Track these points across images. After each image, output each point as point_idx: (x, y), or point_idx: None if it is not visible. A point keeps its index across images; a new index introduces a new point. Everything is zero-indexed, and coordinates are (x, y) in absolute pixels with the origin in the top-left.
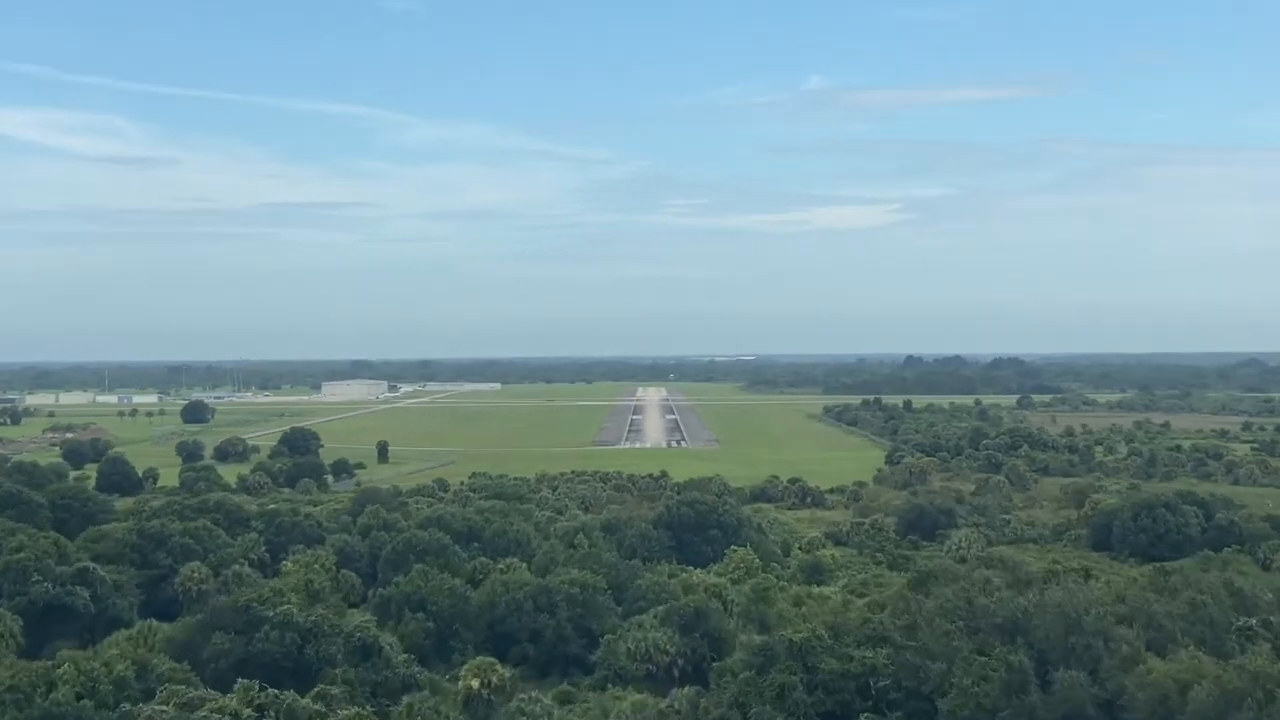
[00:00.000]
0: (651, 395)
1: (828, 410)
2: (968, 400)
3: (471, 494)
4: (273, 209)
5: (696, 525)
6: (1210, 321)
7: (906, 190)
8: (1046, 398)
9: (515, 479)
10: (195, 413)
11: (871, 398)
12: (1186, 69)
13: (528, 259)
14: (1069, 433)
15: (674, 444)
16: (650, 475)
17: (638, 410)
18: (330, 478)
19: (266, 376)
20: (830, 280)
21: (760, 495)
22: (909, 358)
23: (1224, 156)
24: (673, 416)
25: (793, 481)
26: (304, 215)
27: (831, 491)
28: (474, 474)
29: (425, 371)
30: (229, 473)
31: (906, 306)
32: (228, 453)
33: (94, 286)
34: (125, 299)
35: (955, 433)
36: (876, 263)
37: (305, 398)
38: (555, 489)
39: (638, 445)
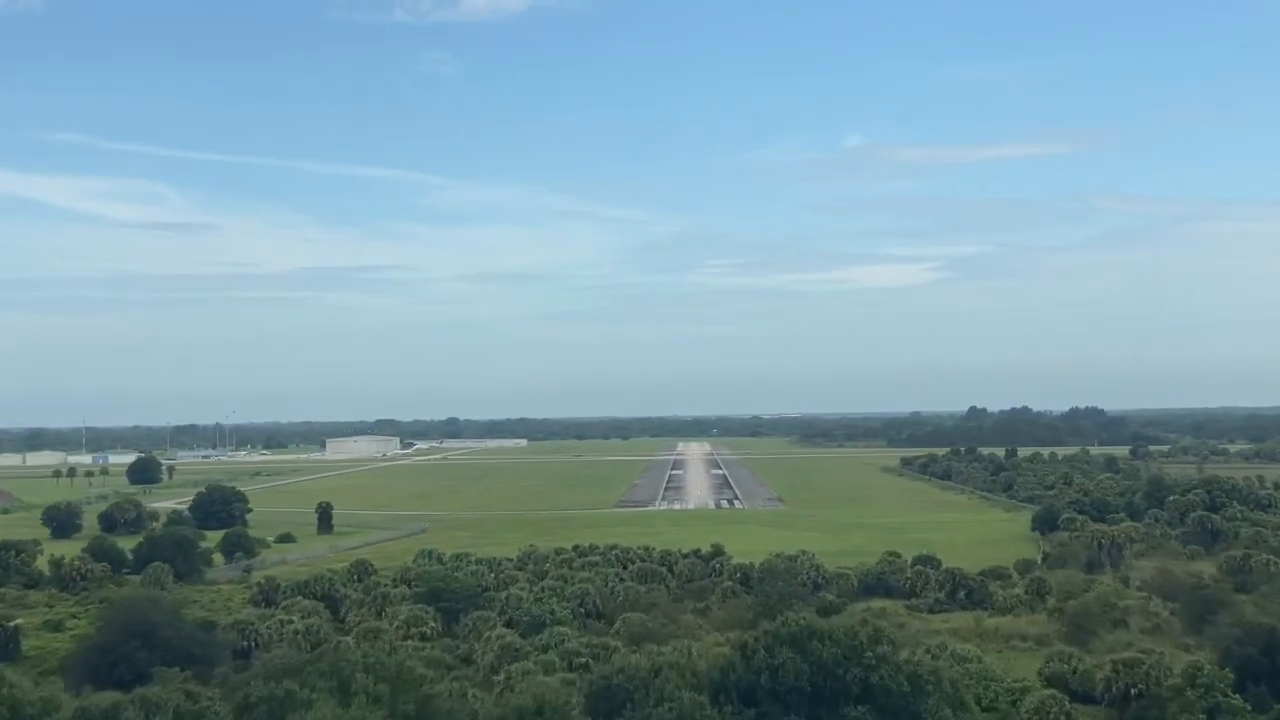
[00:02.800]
0: (694, 450)
1: (906, 462)
2: (1068, 451)
3: (392, 588)
4: (311, 273)
5: (819, 692)
6: (1257, 375)
7: (946, 248)
8: (1164, 447)
9: (479, 564)
10: (144, 472)
11: (959, 448)
12: (1229, 124)
13: (565, 320)
14: (1263, 484)
15: (724, 504)
16: (696, 552)
17: (678, 465)
18: (220, 557)
19: (287, 436)
20: (871, 338)
21: (876, 585)
22: (972, 409)
23: (1268, 211)
24: (720, 471)
25: (925, 562)
26: (342, 279)
27: (987, 577)
28: (421, 553)
29: (451, 429)
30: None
31: (948, 363)
32: (115, 521)
33: (135, 352)
34: (166, 363)
35: (1110, 487)
36: (917, 320)
37: (306, 456)
38: (541, 578)
39: (677, 506)
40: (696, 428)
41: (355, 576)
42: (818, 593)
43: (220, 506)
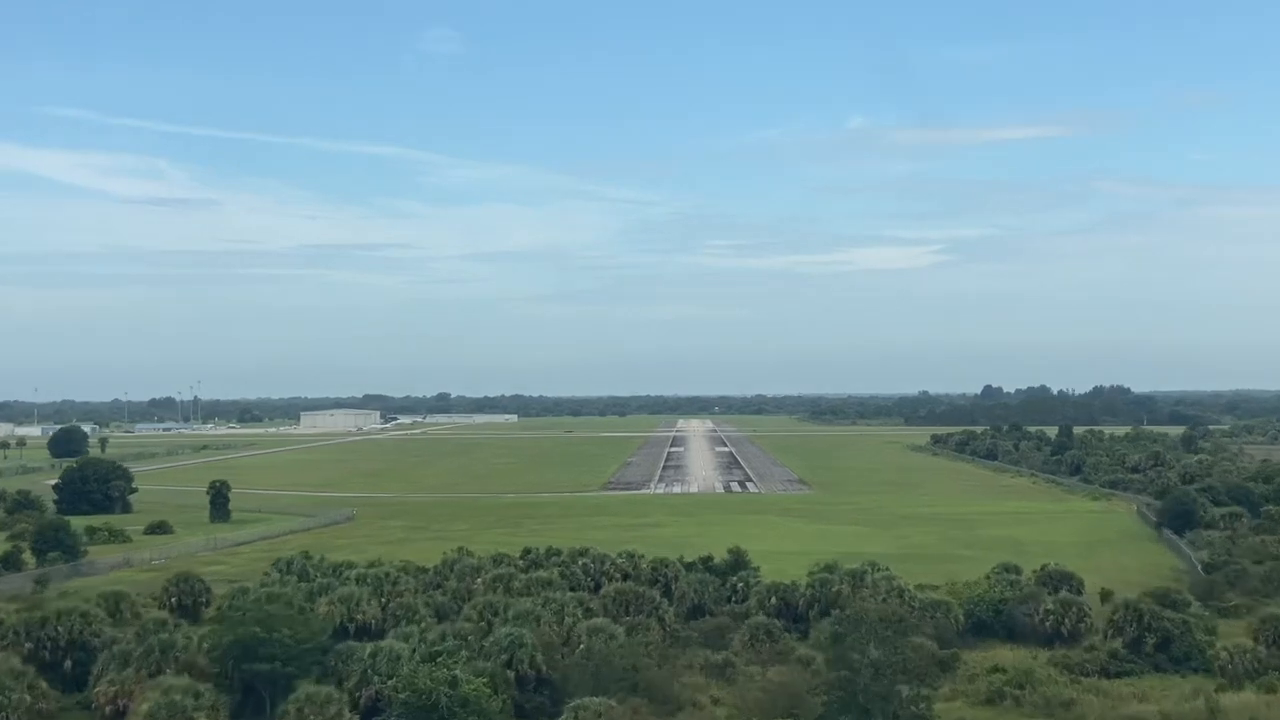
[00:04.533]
0: (695, 426)
1: (939, 440)
2: (1116, 430)
3: (166, 636)
4: (313, 250)
5: None
6: (1256, 359)
7: (948, 231)
8: (1224, 427)
9: (364, 583)
10: (67, 444)
11: (1000, 425)
12: (1231, 107)
13: (566, 299)
14: None
15: (735, 487)
16: (706, 562)
17: (678, 442)
18: (32, 558)
19: (274, 410)
20: (874, 320)
21: (993, 620)
22: (987, 388)
23: (1269, 196)
24: (726, 449)
25: (1059, 582)
26: (343, 257)
27: (1159, 604)
28: (277, 564)
29: (441, 405)
30: None
31: (953, 344)
32: None
33: (131, 327)
34: (162, 339)
35: (1229, 470)
36: (921, 302)
37: (276, 430)
38: (457, 610)
39: (677, 490)
40: (697, 405)
41: (114, 610)
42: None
43: (95, 486)
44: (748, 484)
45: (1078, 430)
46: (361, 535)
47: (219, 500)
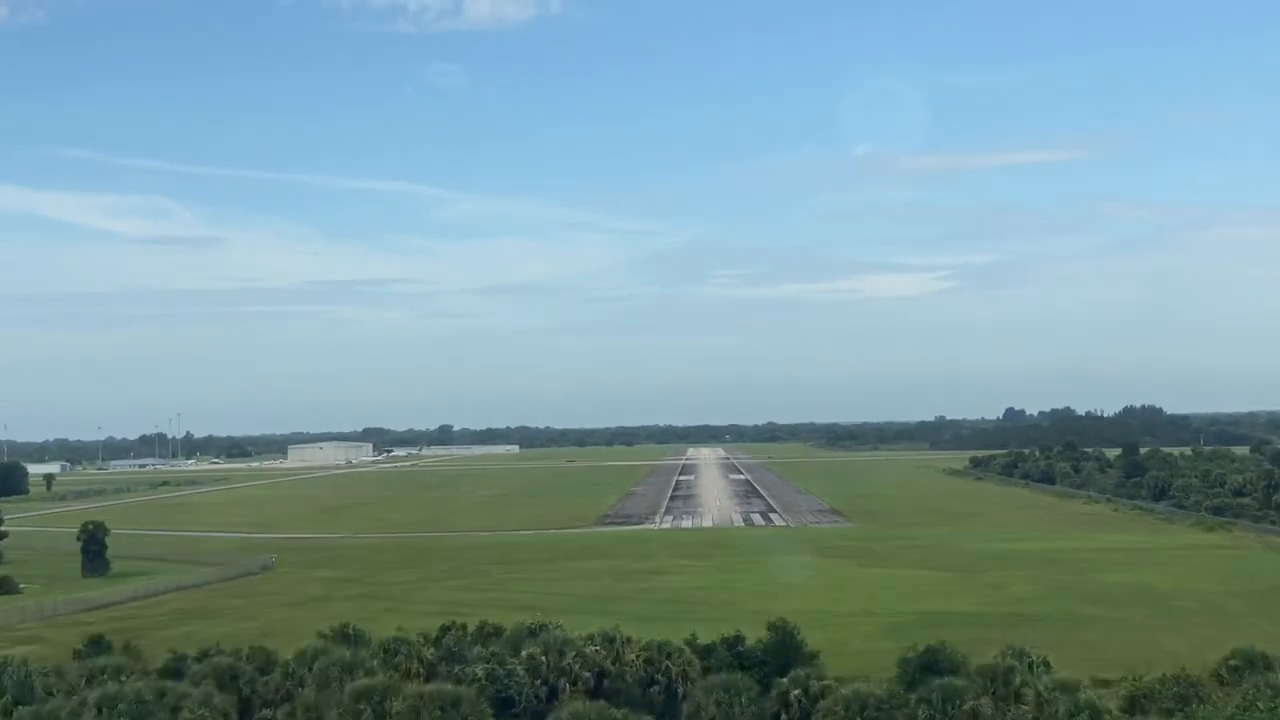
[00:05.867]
0: (706, 454)
1: (978, 463)
2: (1172, 450)
3: None
4: (320, 286)
5: None
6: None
7: (956, 256)
8: None
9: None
10: (4, 481)
11: (1049, 446)
12: (1239, 130)
13: (575, 331)
14: None
15: (756, 519)
16: (730, 646)
17: (688, 470)
18: None
19: (274, 446)
20: (884, 347)
21: None
22: (1009, 410)
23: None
24: (742, 476)
25: None
26: (350, 292)
27: None
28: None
29: (442, 437)
30: None
31: (966, 369)
32: None
33: (140, 366)
34: (171, 376)
35: None
36: (931, 328)
37: (261, 465)
38: None
39: (686, 524)
40: (707, 434)
41: None
42: None
43: None
44: (771, 515)
45: (1109, 451)
46: (266, 592)
47: (92, 548)
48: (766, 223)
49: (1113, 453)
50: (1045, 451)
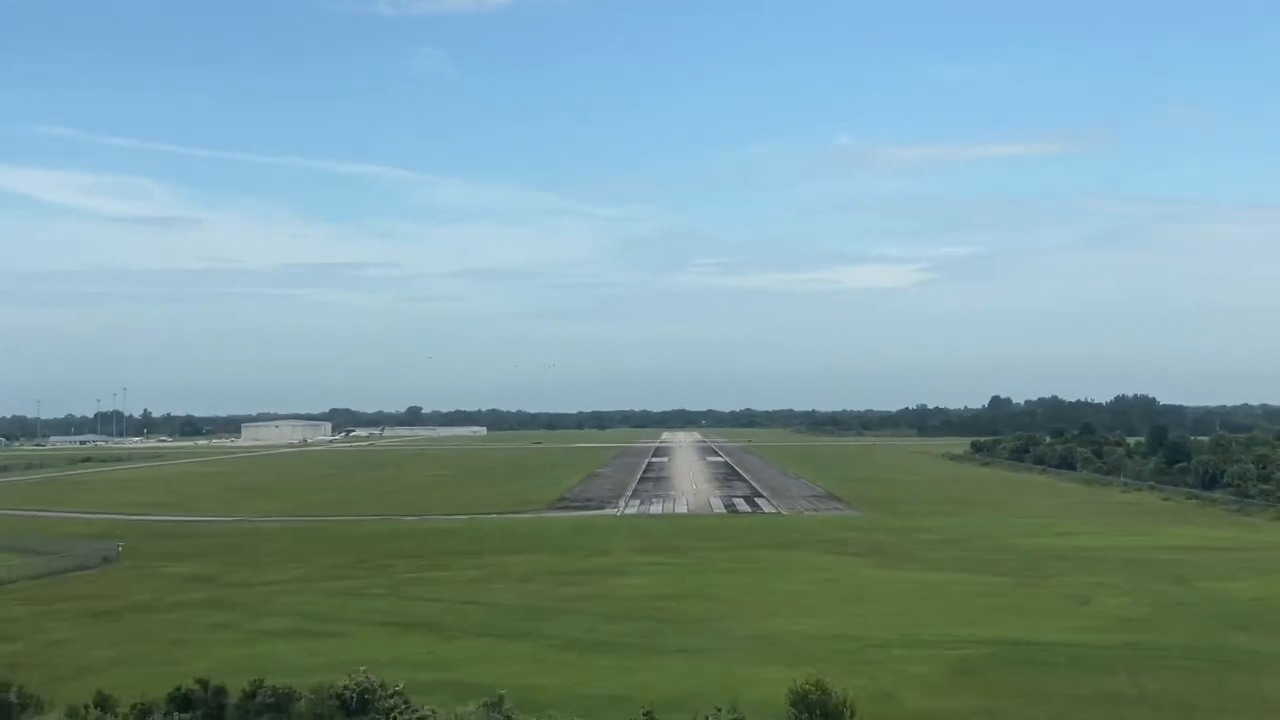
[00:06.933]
0: (681, 437)
1: (980, 448)
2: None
3: None
4: (297, 269)
5: None
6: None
7: (934, 249)
8: None
9: None
10: None
11: (1064, 430)
12: (1218, 126)
13: (554, 317)
14: None
15: (740, 505)
16: None
17: (661, 452)
18: None
19: (221, 425)
20: (863, 337)
21: None
22: (994, 399)
23: (1255, 214)
24: (720, 458)
25: None
26: (328, 276)
27: None
28: None
29: (411, 418)
30: None
31: (945, 359)
32: None
33: (114, 345)
34: (145, 355)
35: None
36: (909, 320)
37: (210, 443)
38: None
39: (656, 509)
40: (682, 419)
41: None
42: None
43: None
44: (758, 500)
45: (1130, 440)
46: (77, 595)
47: None
48: (745, 213)
49: (1131, 440)
50: (1058, 435)
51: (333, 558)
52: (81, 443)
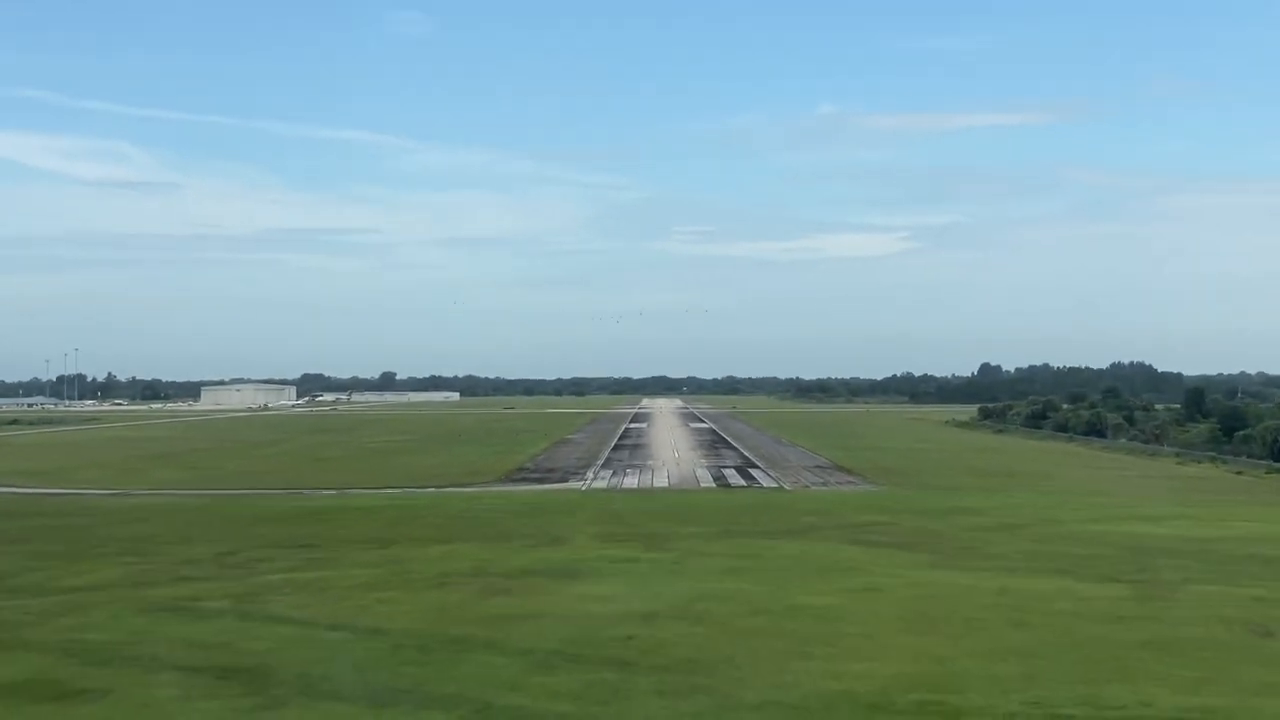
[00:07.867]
0: (662, 404)
1: (989, 414)
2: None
3: None
4: (277, 234)
5: None
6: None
7: (917, 218)
8: None
9: None
10: None
11: (1086, 395)
12: (1204, 98)
13: (535, 284)
14: None
15: (731, 478)
16: None
17: (640, 418)
18: None
19: (189, 391)
20: (847, 305)
21: None
22: (984, 366)
23: (1241, 186)
24: (705, 425)
25: None
26: (308, 240)
27: None
28: None
29: (384, 384)
30: None
31: (928, 327)
32: None
33: (91, 310)
34: (123, 320)
35: None
36: (891, 288)
37: (165, 407)
38: None
39: (630, 482)
40: (663, 386)
41: None
42: None
43: None
44: (752, 472)
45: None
46: None
47: None
48: (729, 180)
49: (1162, 406)
50: (1076, 400)
51: (194, 548)
52: (29, 405)
